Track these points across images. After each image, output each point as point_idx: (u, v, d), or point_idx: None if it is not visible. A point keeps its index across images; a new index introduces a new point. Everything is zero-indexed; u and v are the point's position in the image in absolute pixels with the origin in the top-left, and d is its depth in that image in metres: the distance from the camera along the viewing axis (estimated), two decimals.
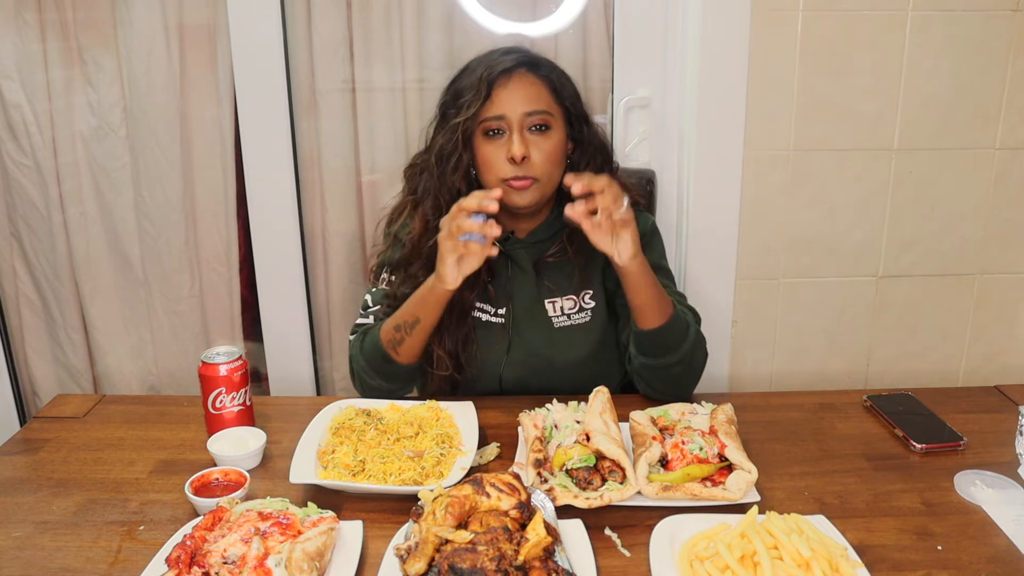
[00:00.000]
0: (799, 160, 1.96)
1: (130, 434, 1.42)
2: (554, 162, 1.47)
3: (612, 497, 1.15)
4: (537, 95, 1.45)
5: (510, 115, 1.43)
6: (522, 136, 1.43)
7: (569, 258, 1.52)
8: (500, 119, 1.44)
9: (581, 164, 1.51)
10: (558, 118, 1.48)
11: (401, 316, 1.45)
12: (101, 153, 2.17)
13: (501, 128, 1.44)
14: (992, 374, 2.12)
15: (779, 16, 1.86)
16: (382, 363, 1.47)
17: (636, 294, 1.39)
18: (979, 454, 1.31)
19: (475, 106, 1.43)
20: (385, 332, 1.46)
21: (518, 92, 1.44)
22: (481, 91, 1.43)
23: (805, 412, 1.47)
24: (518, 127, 1.43)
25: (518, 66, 1.46)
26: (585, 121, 1.53)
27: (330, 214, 2.20)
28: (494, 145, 1.45)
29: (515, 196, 1.46)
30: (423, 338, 1.45)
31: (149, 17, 2.07)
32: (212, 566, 0.99)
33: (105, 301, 2.29)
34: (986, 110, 1.94)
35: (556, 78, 1.49)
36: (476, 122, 1.45)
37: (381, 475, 1.22)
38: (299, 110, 2.09)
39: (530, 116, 1.44)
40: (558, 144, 1.47)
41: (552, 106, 1.47)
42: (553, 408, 1.34)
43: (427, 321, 1.43)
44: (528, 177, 1.44)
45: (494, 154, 1.44)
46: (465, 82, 1.48)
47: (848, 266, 2.04)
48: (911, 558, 1.07)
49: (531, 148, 1.44)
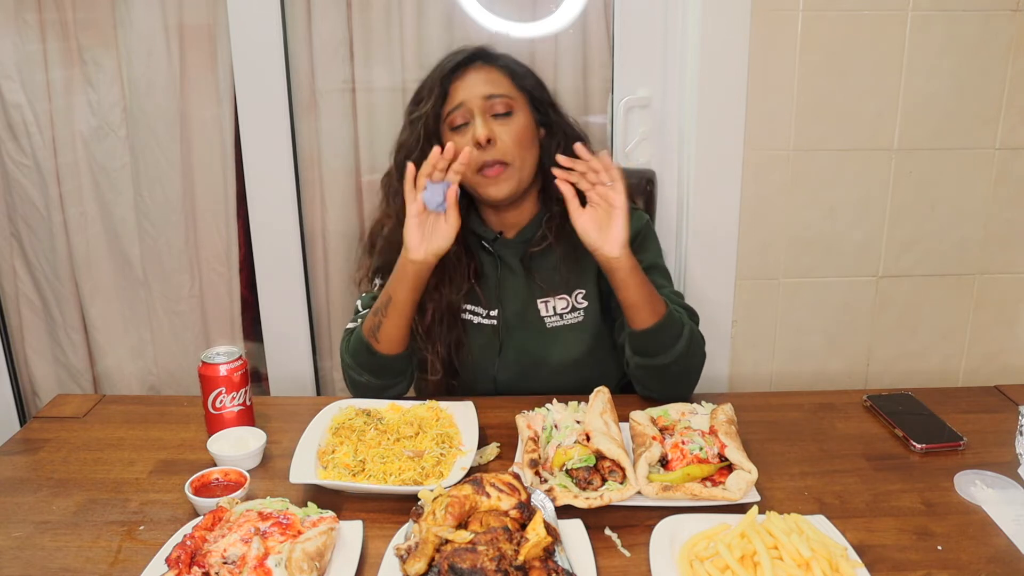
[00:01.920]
0: (799, 160, 1.96)
1: (130, 434, 1.42)
2: (523, 145, 1.47)
3: (612, 497, 1.15)
4: (495, 80, 1.47)
5: (469, 101, 1.44)
6: (485, 119, 1.44)
7: (552, 245, 1.51)
8: (460, 106, 1.45)
9: (553, 148, 1.49)
10: (521, 102, 1.48)
11: (378, 301, 1.45)
12: (101, 153, 2.17)
13: (466, 120, 1.45)
14: (992, 374, 2.12)
15: (779, 16, 1.86)
16: (366, 355, 1.46)
17: (625, 292, 1.37)
18: (979, 454, 1.31)
19: (431, 99, 1.45)
20: (367, 322, 1.46)
21: (475, 80, 1.46)
22: (436, 87, 1.46)
23: (805, 412, 1.47)
24: (480, 112, 1.44)
25: (472, 59, 1.48)
26: (552, 107, 1.53)
27: (330, 214, 2.20)
28: (462, 137, 1.45)
29: (491, 188, 1.46)
30: (400, 321, 1.43)
31: (149, 17, 2.07)
32: (212, 566, 0.99)
33: (105, 301, 2.29)
34: (986, 110, 1.94)
35: (514, 66, 1.51)
36: (439, 119, 1.46)
37: (381, 475, 1.22)
38: (299, 110, 2.09)
39: (490, 99, 1.45)
40: (524, 127, 1.47)
41: (512, 90, 1.48)
42: (553, 408, 1.34)
43: (399, 298, 1.41)
44: (498, 162, 1.44)
45: (462, 144, 1.43)
46: (423, 85, 1.50)
47: (848, 266, 2.04)
48: (911, 558, 1.07)
49: (497, 131, 1.44)
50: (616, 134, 2.02)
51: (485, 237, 1.55)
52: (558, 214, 1.49)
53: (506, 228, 1.56)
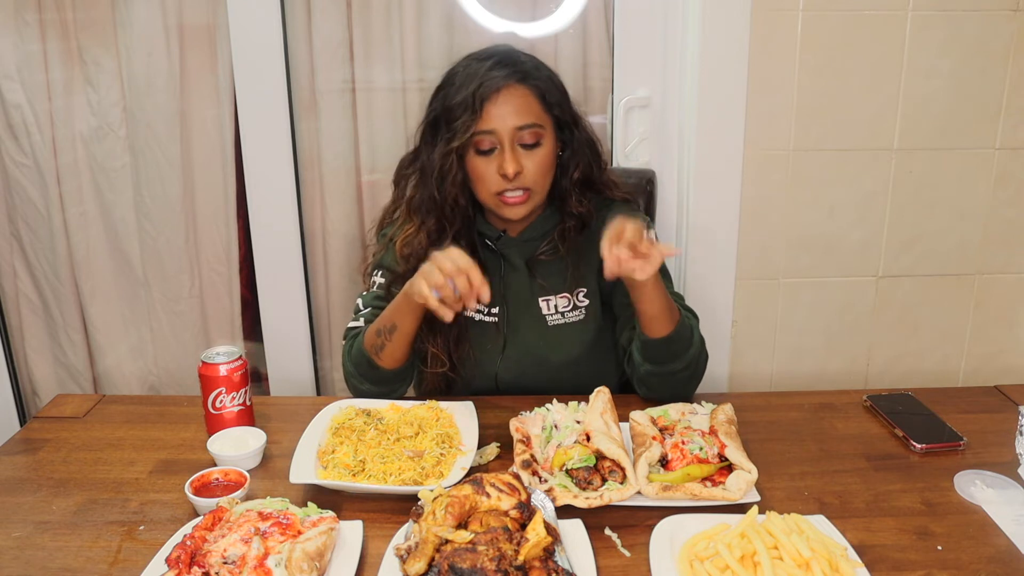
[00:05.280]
0: (799, 160, 1.96)
1: (130, 434, 1.42)
2: (545, 173, 1.49)
3: (612, 497, 1.15)
4: (527, 108, 1.45)
5: (501, 130, 1.44)
6: (514, 152, 1.44)
7: (561, 256, 1.53)
8: (491, 134, 1.44)
9: (571, 165, 1.52)
10: (548, 128, 1.48)
11: (382, 321, 1.45)
12: (101, 153, 2.17)
13: (493, 144, 1.45)
14: (992, 374, 2.12)
15: (779, 16, 1.86)
16: (368, 368, 1.46)
17: (649, 304, 1.37)
18: (979, 454, 1.31)
19: (469, 126, 1.43)
20: (368, 336, 1.46)
21: (508, 106, 1.44)
22: (473, 110, 1.43)
23: (805, 412, 1.47)
24: (509, 143, 1.44)
25: (508, 79, 1.45)
26: (574, 123, 1.54)
27: (330, 214, 2.20)
28: (486, 160, 1.46)
29: (509, 211, 1.48)
30: (403, 344, 1.44)
31: (149, 17, 2.07)
32: (212, 566, 0.99)
33: (105, 301, 2.29)
34: (986, 110, 1.94)
35: (544, 86, 1.49)
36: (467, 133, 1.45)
37: (381, 475, 1.22)
38: (299, 110, 2.09)
39: (521, 131, 1.44)
40: (549, 154, 1.48)
41: (542, 116, 1.47)
42: (553, 408, 1.34)
43: (404, 328, 1.42)
44: (522, 190, 1.46)
45: (486, 169, 1.46)
46: (456, 99, 1.46)
47: (848, 266, 2.04)
48: (911, 558, 1.07)
49: (524, 163, 1.45)
50: (616, 134, 2.02)
51: (489, 235, 1.56)
52: (571, 228, 1.52)
53: (510, 226, 1.56)
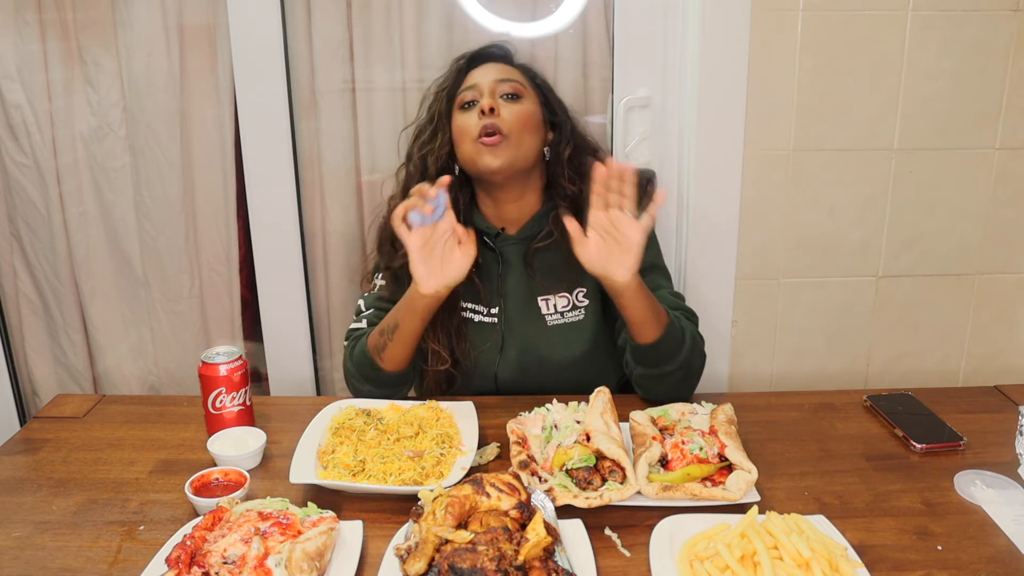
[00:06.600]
0: (799, 160, 1.96)
1: (130, 434, 1.42)
2: (525, 127, 1.48)
3: (612, 497, 1.15)
4: (510, 71, 1.53)
5: (481, 82, 1.49)
6: (493, 95, 1.49)
7: (559, 242, 1.49)
8: (472, 88, 1.50)
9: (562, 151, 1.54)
10: (531, 94, 1.53)
11: (385, 321, 1.45)
12: (101, 153, 2.16)
13: (475, 99, 1.49)
14: (992, 374, 2.12)
15: (779, 16, 1.86)
16: (370, 370, 1.46)
17: (631, 310, 1.36)
18: (979, 454, 1.31)
19: (447, 83, 1.52)
20: (371, 337, 1.46)
21: (490, 68, 1.53)
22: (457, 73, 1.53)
23: (805, 412, 1.47)
24: (489, 90, 1.49)
25: (492, 54, 1.56)
26: (564, 111, 1.57)
27: (330, 214, 2.20)
28: (467, 114, 1.49)
29: (487, 156, 1.46)
30: (405, 346, 1.43)
31: (149, 17, 2.07)
32: (212, 566, 0.99)
33: (105, 301, 2.29)
34: (986, 110, 1.94)
35: (528, 68, 1.58)
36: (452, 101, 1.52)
37: (381, 475, 1.22)
38: (299, 110, 2.09)
39: (501, 83, 1.49)
40: (530, 113, 1.50)
41: (525, 82, 1.53)
42: (553, 408, 1.34)
43: (407, 327, 1.41)
44: (497, 131, 1.45)
45: (467, 121, 1.48)
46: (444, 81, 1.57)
47: (848, 266, 2.04)
48: (911, 558, 1.07)
49: (501, 108, 1.47)
50: (616, 134, 2.02)
51: (487, 233, 1.55)
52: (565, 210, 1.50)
53: (508, 224, 1.56)
